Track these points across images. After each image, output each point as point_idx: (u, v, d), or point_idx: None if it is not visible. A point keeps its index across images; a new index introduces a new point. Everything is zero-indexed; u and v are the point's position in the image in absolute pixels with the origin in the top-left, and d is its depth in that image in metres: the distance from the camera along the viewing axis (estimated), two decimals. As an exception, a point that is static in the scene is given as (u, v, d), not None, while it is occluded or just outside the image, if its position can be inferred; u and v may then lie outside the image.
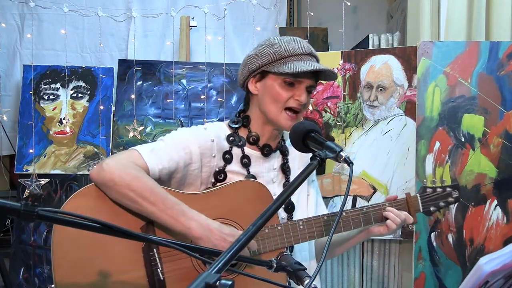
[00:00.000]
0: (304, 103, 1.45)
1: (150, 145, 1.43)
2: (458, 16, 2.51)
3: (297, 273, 1.09)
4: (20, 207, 0.89)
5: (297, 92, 1.45)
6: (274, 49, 1.45)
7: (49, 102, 2.90)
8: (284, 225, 1.43)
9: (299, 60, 1.43)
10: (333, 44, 3.43)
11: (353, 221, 1.50)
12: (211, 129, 1.50)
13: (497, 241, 2.28)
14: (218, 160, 1.47)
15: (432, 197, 1.58)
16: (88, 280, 1.30)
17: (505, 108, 2.30)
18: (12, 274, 2.75)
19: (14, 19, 3.24)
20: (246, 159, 1.50)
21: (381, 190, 2.52)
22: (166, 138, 1.46)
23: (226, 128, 1.54)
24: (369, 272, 2.71)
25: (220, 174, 1.47)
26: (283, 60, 1.44)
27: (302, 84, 1.45)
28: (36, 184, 2.79)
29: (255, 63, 1.48)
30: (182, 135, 1.47)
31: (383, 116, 2.53)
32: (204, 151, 1.45)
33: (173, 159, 1.40)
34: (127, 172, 1.31)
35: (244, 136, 1.53)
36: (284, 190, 1.04)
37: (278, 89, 1.45)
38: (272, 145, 1.54)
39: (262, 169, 1.53)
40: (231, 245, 0.86)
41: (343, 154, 1.14)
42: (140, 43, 3.25)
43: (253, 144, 1.52)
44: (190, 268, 1.36)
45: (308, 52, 1.46)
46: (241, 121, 1.53)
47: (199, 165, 1.44)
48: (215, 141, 1.47)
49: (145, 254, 1.34)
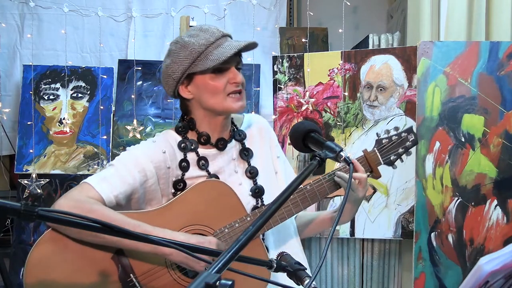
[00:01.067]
0: (241, 82, 1.43)
1: (101, 174, 1.40)
2: (458, 16, 2.51)
3: (297, 273, 1.09)
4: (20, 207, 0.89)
5: (230, 75, 1.43)
6: (189, 49, 1.41)
7: (49, 102, 2.90)
8: (253, 214, 1.41)
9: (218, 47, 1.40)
10: (333, 44, 3.43)
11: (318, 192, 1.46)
12: (160, 140, 1.47)
13: (497, 241, 2.28)
14: (174, 170, 1.45)
15: (390, 146, 1.55)
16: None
17: (505, 108, 2.30)
18: (12, 274, 2.75)
19: (14, 19, 3.24)
20: (202, 161, 1.47)
21: (381, 190, 2.52)
22: (116, 162, 1.42)
23: (175, 134, 1.50)
24: (369, 272, 2.71)
25: (179, 183, 1.45)
26: (202, 55, 1.40)
27: (231, 67, 1.43)
28: (36, 184, 2.79)
29: (177, 71, 1.44)
30: (132, 155, 1.43)
31: (383, 116, 2.53)
32: (158, 164, 1.42)
33: (127, 183, 1.38)
34: (80, 207, 1.28)
35: (194, 138, 1.49)
36: (285, 189, 1.03)
37: (211, 82, 1.43)
38: (226, 137, 1.51)
39: (222, 163, 1.50)
40: (231, 245, 0.86)
41: (343, 154, 1.14)
42: (140, 43, 3.25)
43: (206, 144, 1.49)
44: (171, 282, 1.36)
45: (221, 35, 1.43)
46: (187, 125, 1.50)
47: (155, 179, 1.42)
48: (167, 152, 1.44)
49: (122, 282, 1.33)
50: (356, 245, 2.71)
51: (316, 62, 2.62)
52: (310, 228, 1.63)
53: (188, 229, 1.38)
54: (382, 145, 1.56)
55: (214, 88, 1.43)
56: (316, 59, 2.63)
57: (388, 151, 1.55)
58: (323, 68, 2.60)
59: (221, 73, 1.43)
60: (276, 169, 1.59)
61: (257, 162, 1.55)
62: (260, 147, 1.57)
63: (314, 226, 1.62)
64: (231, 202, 1.41)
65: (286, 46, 3.25)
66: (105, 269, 1.31)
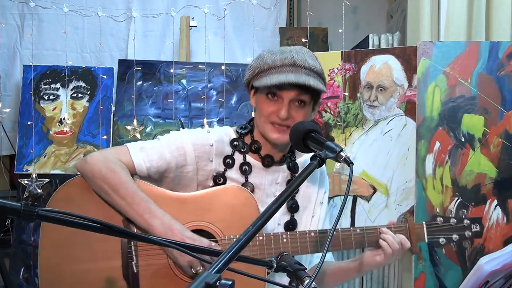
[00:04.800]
0: (284, 118, 1.38)
1: (142, 143, 1.43)
2: (458, 16, 2.51)
3: (297, 273, 1.09)
4: (20, 207, 0.89)
5: (278, 107, 1.39)
6: (258, 62, 1.42)
7: (49, 102, 2.90)
8: (266, 236, 1.39)
9: (277, 73, 1.36)
10: (333, 44, 3.43)
11: (343, 241, 1.41)
12: (214, 133, 1.48)
13: (497, 241, 2.28)
14: (216, 165, 1.45)
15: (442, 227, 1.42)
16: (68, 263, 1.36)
17: (505, 108, 2.30)
18: (12, 274, 2.75)
19: (14, 19, 3.24)
20: (246, 166, 1.46)
21: (381, 190, 2.52)
22: (163, 137, 1.46)
23: (233, 133, 1.51)
24: (369, 272, 2.71)
25: (219, 178, 1.45)
26: (262, 73, 1.39)
27: (284, 97, 1.38)
28: (36, 184, 2.79)
29: (246, 77, 1.48)
30: (180, 136, 1.45)
31: (383, 116, 2.53)
32: (200, 154, 1.43)
33: (163, 158, 1.40)
34: (106, 165, 1.34)
35: (248, 143, 1.49)
36: (282, 192, 1.03)
37: (261, 103, 1.43)
38: (275, 157, 1.49)
39: (264, 181, 1.49)
40: (231, 245, 0.86)
41: (343, 154, 1.14)
42: (140, 43, 3.25)
43: (255, 153, 1.49)
44: (165, 265, 1.37)
45: (290, 63, 1.37)
46: (248, 127, 1.50)
47: (193, 167, 1.42)
48: (214, 146, 1.45)
49: (123, 245, 1.36)
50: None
51: (316, 62, 2.62)
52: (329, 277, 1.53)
53: (198, 224, 1.39)
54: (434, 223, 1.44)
55: (262, 109, 1.43)
56: (316, 59, 2.63)
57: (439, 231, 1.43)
58: (323, 68, 2.60)
59: (273, 99, 1.41)
60: (314, 213, 1.56)
61: (299, 199, 1.53)
62: (307, 186, 1.55)
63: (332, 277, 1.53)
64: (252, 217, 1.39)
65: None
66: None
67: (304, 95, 1.39)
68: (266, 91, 1.40)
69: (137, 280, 1.36)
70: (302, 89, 1.37)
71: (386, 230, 1.41)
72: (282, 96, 1.39)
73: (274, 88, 1.38)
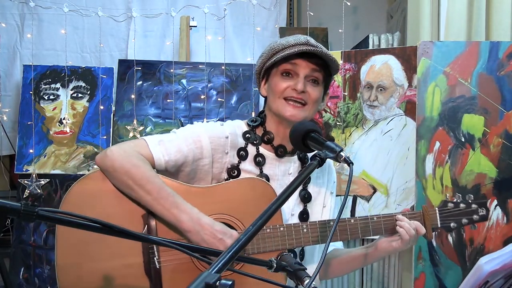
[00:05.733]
0: (300, 90, 1.41)
1: (160, 136, 1.43)
2: (458, 16, 2.51)
3: (297, 273, 1.09)
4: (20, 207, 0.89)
5: (294, 82, 1.43)
6: (271, 47, 1.47)
7: (49, 102, 2.90)
8: (286, 226, 1.41)
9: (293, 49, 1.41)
10: (333, 44, 3.44)
11: (361, 229, 1.44)
12: (227, 126, 1.50)
13: (497, 241, 2.28)
14: (231, 157, 1.46)
15: (453, 212, 1.48)
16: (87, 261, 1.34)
17: (505, 108, 2.30)
18: (12, 274, 2.75)
19: (14, 19, 3.24)
20: (260, 158, 1.48)
21: (381, 190, 2.52)
22: (179, 130, 1.46)
23: (244, 126, 1.53)
24: (369, 272, 2.71)
25: (233, 170, 1.46)
26: (277, 53, 1.44)
27: (299, 73, 1.43)
28: (36, 184, 2.79)
29: (258, 65, 1.52)
30: (195, 129, 1.46)
31: (383, 116, 2.53)
32: (216, 146, 1.44)
33: (181, 152, 1.40)
34: (128, 159, 1.33)
35: (260, 135, 1.51)
36: (284, 190, 1.03)
37: (276, 81, 1.45)
38: (287, 148, 1.51)
39: (277, 171, 1.50)
40: (231, 245, 0.86)
41: (343, 154, 1.14)
42: (140, 43, 3.25)
43: (268, 144, 1.50)
44: (187, 259, 1.37)
45: (303, 42, 1.42)
46: (259, 120, 1.52)
47: (209, 160, 1.43)
48: (229, 138, 1.46)
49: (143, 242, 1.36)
50: (356, 245, 2.71)
51: (316, 62, 2.62)
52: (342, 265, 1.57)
53: (219, 217, 1.39)
54: (445, 208, 1.49)
55: (276, 88, 1.44)
56: (316, 59, 2.63)
57: (450, 216, 1.49)
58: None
59: (288, 77, 1.44)
60: (325, 204, 1.59)
61: (310, 189, 1.55)
62: (318, 177, 1.58)
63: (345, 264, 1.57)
64: None
65: (286, 46, 3.25)
66: (133, 224, 1.35)
67: (318, 72, 1.44)
68: (281, 71, 1.44)
69: (159, 276, 1.35)
70: (316, 66, 1.43)
71: (402, 217, 1.44)
72: (298, 71, 1.43)
73: (289, 65, 1.42)
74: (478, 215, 1.48)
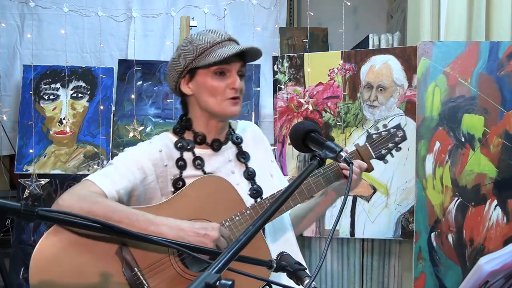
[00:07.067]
0: (239, 88, 1.46)
1: (101, 172, 1.43)
2: (458, 16, 2.51)
3: (297, 273, 1.09)
4: (20, 207, 0.89)
5: (230, 80, 1.46)
6: (194, 45, 1.45)
7: (49, 102, 2.90)
8: (252, 208, 1.44)
9: (222, 47, 1.43)
10: (333, 44, 3.43)
11: (315, 185, 1.50)
12: (157, 141, 1.51)
13: (497, 241, 2.28)
14: (171, 168, 1.47)
15: (380, 141, 1.60)
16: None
17: (505, 108, 2.30)
18: (12, 274, 2.75)
19: (14, 19, 3.24)
20: (198, 160, 1.49)
21: (381, 190, 2.52)
22: (115, 161, 1.45)
23: (172, 136, 1.54)
24: (369, 272, 2.71)
25: (178, 182, 1.47)
26: (206, 52, 1.43)
27: (232, 70, 1.46)
28: (36, 184, 2.79)
29: (180, 64, 1.48)
30: (130, 154, 1.46)
31: (383, 116, 2.53)
32: (155, 161, 1.45)
33: (127, 179, 1.40)
34: (84, 200, 1.31)
35: (191, 138, 1.52)
36: (285, 189, 1.03)
37: (211, 82, 1.45)
38: (221, 139, 1.54)
39: (217, 164, 1.52)
40: (231, 245, 0.86)
41: (343, 154, 1.14)
42: (140, 43, 3.25)
43: (202, 143, 1.52)
44: (174, 275, 1.36)
45: (228, 38, 1.47)
46: (184, 126, 1.53)
47: (154, 177, 1.44)
48: (163, 151, 1.47)
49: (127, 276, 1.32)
50: (356, 245, 2.72)
51: (316, 62, 2.62)
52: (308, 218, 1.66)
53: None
54: (373, 140, 1.61)
55: (213, 88, 1.45)
56: (316, 59, 2.63)
57: (379, 145, 1.60)
58: (323, 68, 2.60)
59: (222, 76, 1.46)
60: (272, 173, 1.63)
61: (253, 165, 1.58)
62: (255, 151, 1.61)
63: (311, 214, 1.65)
64: (230, 196, 1.44)
65: (286, 46, 3.25)
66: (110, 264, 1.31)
67: (244, 67, 1.51)
68: (213, 69, 1.44)
69: None
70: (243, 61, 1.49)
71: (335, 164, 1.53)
72: (231, 69, 1.46)
73: (222, 63, 1.43)
74: (399, 137, 1.61)
